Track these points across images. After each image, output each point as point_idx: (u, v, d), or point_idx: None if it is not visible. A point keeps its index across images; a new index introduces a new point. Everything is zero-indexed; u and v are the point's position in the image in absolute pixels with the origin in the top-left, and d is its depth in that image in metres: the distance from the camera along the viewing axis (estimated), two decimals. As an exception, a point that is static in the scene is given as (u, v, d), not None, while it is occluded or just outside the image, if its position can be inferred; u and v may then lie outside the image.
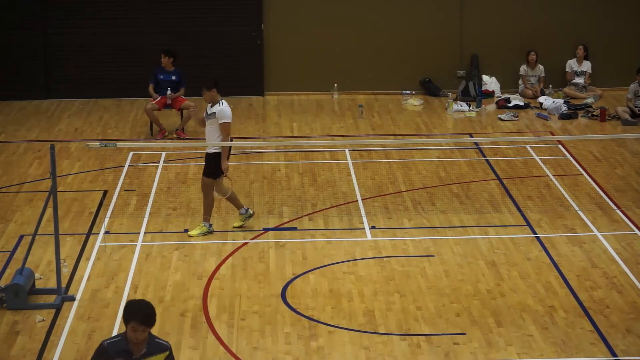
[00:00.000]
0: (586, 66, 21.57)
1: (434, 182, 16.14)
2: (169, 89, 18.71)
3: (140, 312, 7.63)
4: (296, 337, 11.16)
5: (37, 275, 12.56)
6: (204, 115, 14.03)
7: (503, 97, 20.99)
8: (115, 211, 14.93)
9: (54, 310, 11.78)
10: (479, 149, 17.68)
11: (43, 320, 11.57)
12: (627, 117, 19.42)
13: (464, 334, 11.24)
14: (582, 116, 19.97)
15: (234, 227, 14.19)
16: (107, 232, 14.13)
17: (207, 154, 13.96)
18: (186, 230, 14.16)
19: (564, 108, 20.12)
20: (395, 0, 21.52)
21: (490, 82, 21.57)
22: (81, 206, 15.15)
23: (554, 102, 20.41)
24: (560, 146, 17.89)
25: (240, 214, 14.25)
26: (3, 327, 11.46)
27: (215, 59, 21.48)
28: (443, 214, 14.77)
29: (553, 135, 18.92)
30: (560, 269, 12.88)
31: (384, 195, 15.57)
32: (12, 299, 11.79)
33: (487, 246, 13.60)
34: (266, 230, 14.19)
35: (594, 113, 19.93)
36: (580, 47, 21.43)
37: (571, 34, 21.68)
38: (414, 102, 20.96)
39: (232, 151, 17.64)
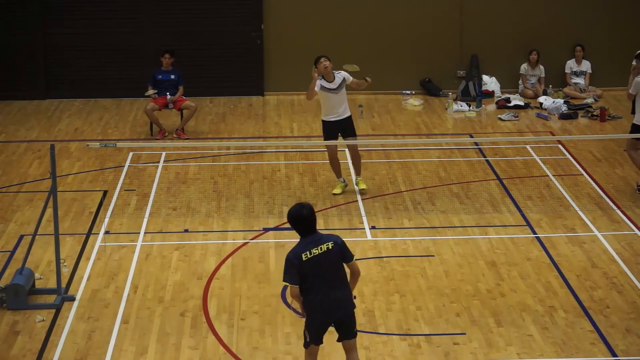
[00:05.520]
0: (585, 66, 21.57)
1: (434, 182, 16.14)
2: (168, 93, 18.70)
3: None
4: (296, 337, 11.16)
5: (37, 275, 12.57)
6: (327, 89, 15.25)
7: (503, 97, 21.00)
8: (115, 211, 14.93)
9: (54, 310, 11.78)
10: (479, 149, 17.69)
11: (43, 320, 11.58)
12: None
13: (464, 334, 11.24)
14: (582, 116, 19.98)
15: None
16: (107, 232, 14.13)
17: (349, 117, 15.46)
18: (186, 230, 14.18)
19: (564, 108, 20.12)
20: (395, 0, 21.52)
21: (490, 82, 21.57)
22: (81, 206, 15.15)
23: (554, 102, 20.41)
24: (560, 146, 17.89)
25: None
26: (3, 327, 11.46)
27: (215, 59, 21.50)
28: (443, 214, 14.77)
29: (553, 135, 18.92)
30: (560, 269, 12.88)
31: (384, 195, 15.57)
32: (12, 299, 11.79)
33: (487, 246, 13.60)
34: (266, 230, 14.19)
35: (594, 113, 19.93)
36: (578, 47, 21.45)
37: (571, 34, 21.69)
38: (414, 102, 20.96)
39: (233, 151, 17.71)
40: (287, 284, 9.38)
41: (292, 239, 13.91)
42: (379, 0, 21.53)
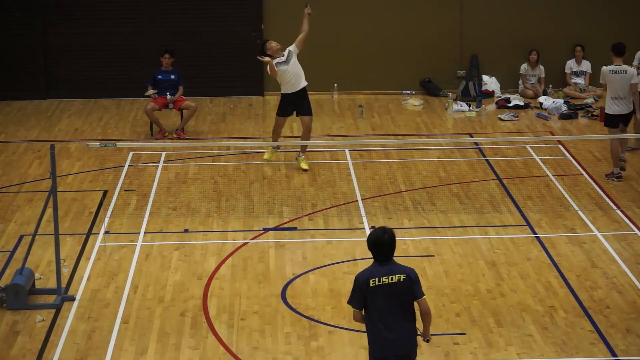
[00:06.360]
0: (585, 66, 21.57)
1: (434, 182, 16.14)
2: (168, 93, 18.71)
3: None
4: (296, 337, 11.17)
5: (37, 275, 12.57)
6: (279, 64, 16.39)
7: (503, 97, 21.00)
8: (115, 211, 14.93)
9: (54, 310, 11.79)
10: (479, 149, 17.69)
11: (43, 320, 11.58)
12: None
13: (464, 334, 11.24)
14: (582, 116, 19.98)
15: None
16: (107, 232, 14.13)
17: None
18: (186, 230, 14.18)
19: (564, 108, 20.12)
20: (396, 0, 21.52)
21: (490, 82, 21.57)
22: (81, 206, 15.15)
23: (554, 102, 20.41)
24: (560, 146, 17.89)
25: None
26: (3, 327, 11.46)
27: (215, 59, 21.50)
28: (443, 214, 14.77)
29: (553, 135, 18.92)
30: (560, 269, 12.88)
31: (384, 195, 15.57)
32: (12, 299, 11.79)
33: (487, 246, 13.60)
34: (266, 230, 14.19)
35: (594, 113, 19.93)
36: (578, 47, 21.45)
37: (571, 34, 21.68)
38: (414, 102, 20.95)
39: (233, 151, 17.71)
40: (351, 306, 8.96)
41: (292, 239, 13.99)
42: (379, 0, 21.52)
